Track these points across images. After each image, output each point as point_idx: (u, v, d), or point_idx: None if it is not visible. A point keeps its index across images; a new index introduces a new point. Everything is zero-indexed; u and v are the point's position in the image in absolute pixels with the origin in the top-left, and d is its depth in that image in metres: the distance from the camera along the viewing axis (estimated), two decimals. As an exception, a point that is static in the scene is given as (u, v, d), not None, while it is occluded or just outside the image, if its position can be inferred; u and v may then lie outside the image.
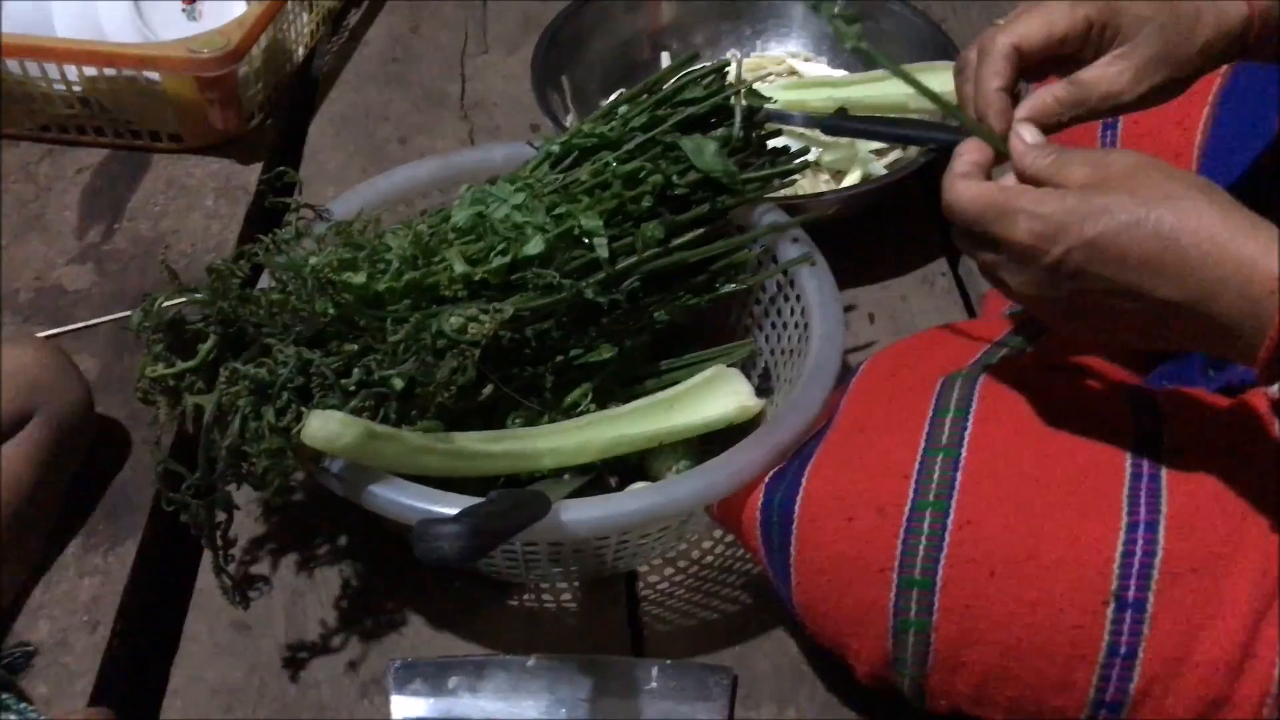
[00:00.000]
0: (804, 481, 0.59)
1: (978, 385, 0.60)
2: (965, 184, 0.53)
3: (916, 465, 0.57)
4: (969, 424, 0.57)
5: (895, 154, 0.98)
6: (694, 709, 0.65)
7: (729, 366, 0.75)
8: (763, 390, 0.75)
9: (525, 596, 0.71)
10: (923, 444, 0.58)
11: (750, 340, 0.78)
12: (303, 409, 0.59)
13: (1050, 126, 0.55)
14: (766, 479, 0.61)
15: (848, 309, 0.90)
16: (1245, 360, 0.47)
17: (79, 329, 0.87)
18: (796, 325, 0.73)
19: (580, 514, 0.58)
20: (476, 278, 0.69)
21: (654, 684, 0.66)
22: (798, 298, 0.73)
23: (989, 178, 0.54)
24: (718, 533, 0.74)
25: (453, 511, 0.55)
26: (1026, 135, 0.53)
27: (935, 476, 0.56)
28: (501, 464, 0.65)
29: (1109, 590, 0.51)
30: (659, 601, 0.71)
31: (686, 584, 0.72)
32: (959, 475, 0.56)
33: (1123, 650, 0.51)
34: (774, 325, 0.76)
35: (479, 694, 0.65)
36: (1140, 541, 0.52)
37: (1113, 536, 0.52)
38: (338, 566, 0.72)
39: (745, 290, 0.77)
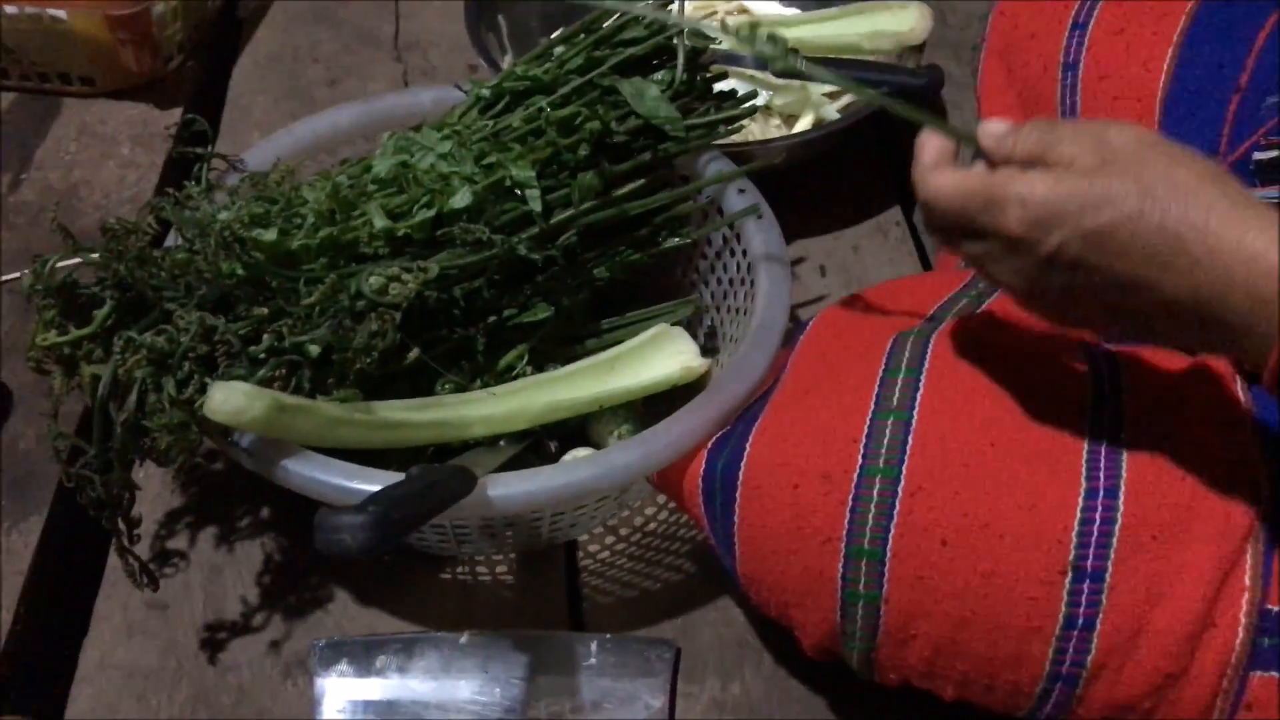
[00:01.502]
0: (748, 447, 0.56)
1: (930, 344, 0.56)
2: (941, 175, 0.49)
3: (865, 429, 0.54)
4: (920, 385, 0.54)
5: (848, 97, 0.93)
6: (634, 685, 0.62)
7: (673, 325, 0.71)
8: (709, 350, 0.72)
9: (458, 570, 0.67)
10: (872, 406, 0.54)
11: (695, 297, 0.74)
12: (207, 380, 0.54)
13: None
14: (709, 445, 0.58)
15: (797, 261, 0.86)
16: (1253, 362, 0.43)
17: (-20, 289, 0.81)
18: (742, 281, 0.69)
19: (509, 489, 0.55)
20: (399, 234, 0.64)
21: (593, 660, 0.63)
22: (744, 253, 0.69)
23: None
24: (661, 498, 0.71)
25: (367, 489, 0.51)
26: (993, 127, 0.49)
27: (885, 441, 0.53)
28: (428, 434, 0.61)
29: (1067, 560, 0.49)
30: (599, 572, 0.68)
31: (628, 553, 0.69)
32: (910, 440, 0.53)
33: (1080, 622, 0.49)
34: (719, 281, 0.72)
35: (408, 674, 0.62)
36: (1099, 509, 0.49)
37: (1071, 504, 0.49)
38: (259, 540, 0.68)
39: (690, 244, 0.73)
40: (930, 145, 0.50)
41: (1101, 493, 0.49)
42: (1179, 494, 0.49)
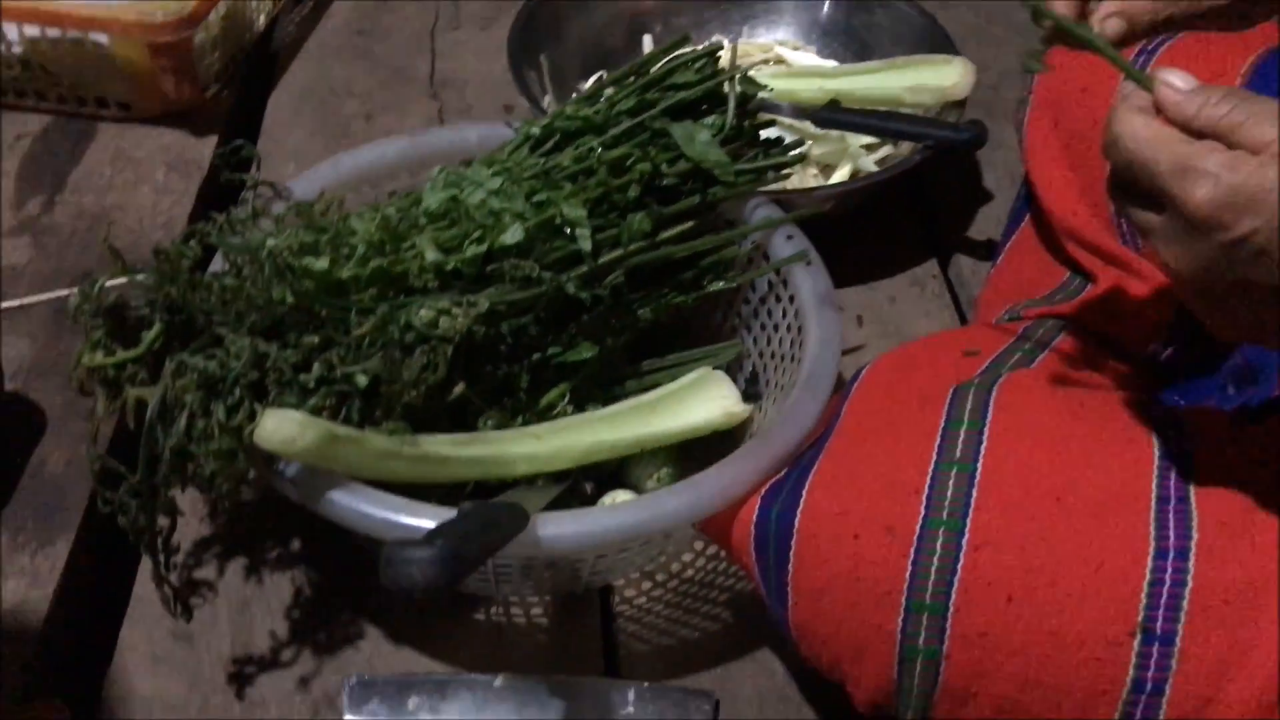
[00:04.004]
0: (804, 495, 0.55)
1: (993, 395, 0.56)
2: (1145, 120, 0.45)
3: (928, 480, 0.53)
4: (984, 437, 0.53)
5: (886, 150, 0.94)
6: (674, 736, 0.60)
7: (715, 369, 0.71)
8: (750, 395, 0.71)
9: (493, 610, 0.66)
10: (934, 457, 0.53)
11: (737, 342, 0.73)
12: (256, 406, 0.53)
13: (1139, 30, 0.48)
14: (762, 492, 0.57)
15: (836, 310, 0.86)
16: None
17: (11, 308, 0.80)
18: (789, 328, 0.68)
19: (559, 529, 0.53)
20: (449, 267, 0.64)
21: (630, 708, 0.61)
22: (790, 298, 0.69)
23: None
24: (699, 544, 0.69)
25: (424, 526, 0.50)
26: (1177, 81, 0.45)
27: (949, 493, 0.52)
28: (472, 470, 0.60)
29: (1135, 621, 0.48)
30: (636, 618, 0.66)
31: (665, 599, 0.67)
32: (974, 492, 0.52)
33: (1149, 686, 0.48)
34: (764, 327, 0.72)
35: (441, 716, 0.60)
36: (1169, 570, 0.48)
37: (1140, 563, 0.48)
38: (289, 573, 0.67)
39: (734, 289, 0.72)
40: (1137, 93, 0.46)
41: (1172, 554, 0.48)
42: (1251, 558, 0.48)
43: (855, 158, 0.93)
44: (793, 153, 0.74)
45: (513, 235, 0.64)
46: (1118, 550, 0.49)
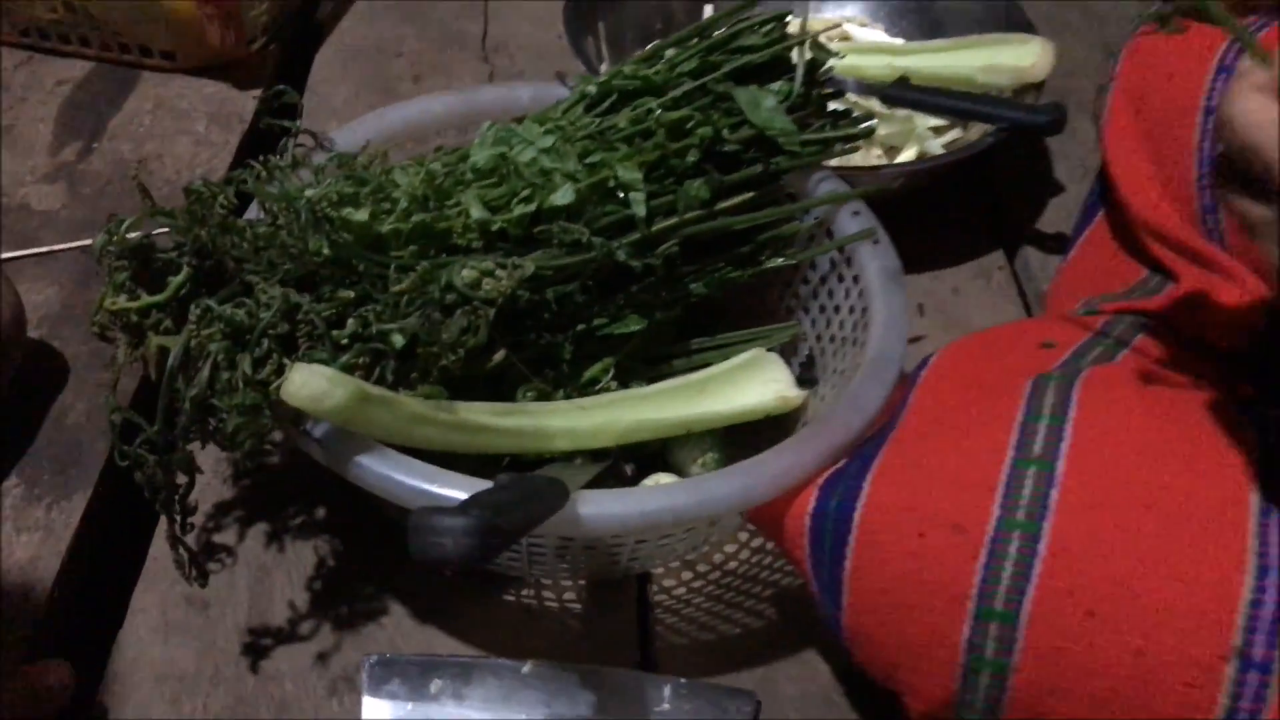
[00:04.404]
0: (865, 487, 0.51)
1: (1075, 390, 0.51)
2: (1264, 101, 0.41)
3: (1003, 477, 0.48)
4: (1066, 435, 0.49)
5: (954, 134, 0.89)
6: (710, 737, 0.56)
7: (768, 351, 0.67)
8: (805, 380, 0.67)
9: (523, 593, 0.62)
10: (1011, 453, 0.49)
11: (794, 323, 0.69)
12: (285, 360, 0.50)
13: None
14: (820, 481, 0.53)
15: (897, 297, 0.81)
16: None
17: (40, 254, 0.78)
18: (851, 310, 0.64)
19: (601, 508, 0.50)
20: (494, 227, 0.60)
21: (666, 705, 0.57)
22: (855, 278, 0.64)
23: None
24: (744, 535, 0.65)
25: (457, 496, 0.46)
26: None
27: (1026, 492, 0.48)
28: (509, 442, 0.56)
29: (1230, 644, 0.43)
30: (674, 610, 0.63)
31: (706, 591, 0.63)
32: (1054, 493, 0.47)
33: (1243, 716, 0.43)
34: (823, 308, 0.68)
35: (465, 701, 0.57)
36: (1271, 590, 0.43)
37: (1238, 581, 0.44)
38: (312, 541, 0.63)
39: (792, 266, 0.68)
40: (1257, 72, 0.41)
41: (1274, 571, 0.44)
42: (1364, 579, 0.43)
43: (922, 140, 0.88)
44: (863, 125, 0.70)
45: (563, 196, 0.60)
46: (1213, 565, 0.44)
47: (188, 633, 0.59)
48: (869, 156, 0.87)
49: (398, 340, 0.54)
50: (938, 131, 0.89)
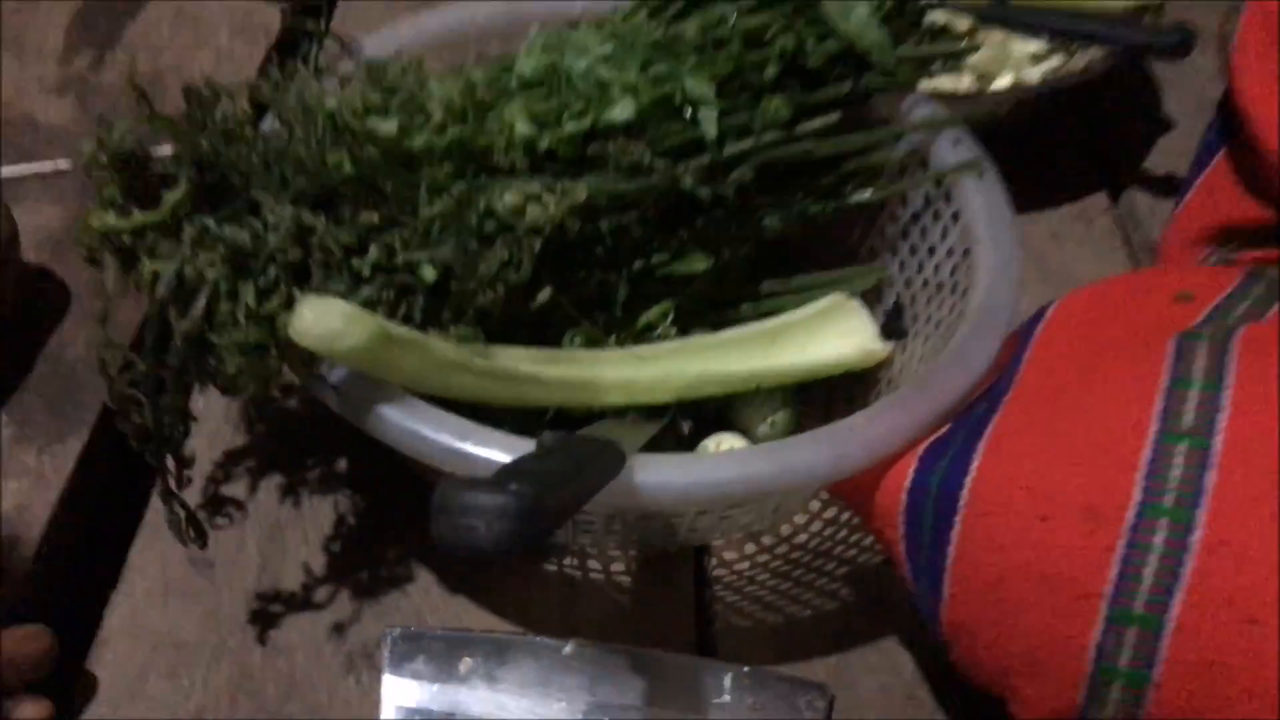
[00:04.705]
0: (975, 460, 0.43)
1: (1232, 351, 0.43)
2: None
3: (1147, 453, 0.40)
4: (1224, 405, 0.41)
5: (1055, 61, 0.79)
6: (777, 737, 0.49)
7: (849, 297, 0.59)
8: (891, 331, 0.59)
9: (565, 563, 0.55)
10: (1155, 425, 0.41)
11: (880, 266, 0.61)
12: (295, 292, 0.42)
13: None
14: (920, 451, 0.45)
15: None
16: None
17: (45, 172, 0.71)
18: (950, 252, 0.56)
19: (663, 477, 0.42)
20: (542, 146, 0.52)
21: (727, 696, 0.50)
22: (954, 216, 0.56)
23: None
24: (815, 504, 0.58)
25: (494, 458, 0.39)
26: None
27: (1175, 473, 0.39)
28: (554, 394, 0.48)
29: None
30: (736, 587, 0.55)
31: (772, 567, 0.56)
32: (1210, 475, 0.39)
33: None
34: (914, 250, 0.59)
35: (498, 684, 0.50)
36: None
37: None
38: (332, 497, 0.57)
39: (878, 202, 0.60)
40: None
41: None
42: None
43: (1019, 67, 0.78)
44: (966, 43, 0.60)
45: (622, 111, 0.52)
46: None
47: (189, 597, 0.53)
48: (959, 84, 0.78)
49: (428, 273, 0.47)
50: (1036, 60, 0.79)
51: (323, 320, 0.40)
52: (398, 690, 0.50)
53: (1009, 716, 0.44)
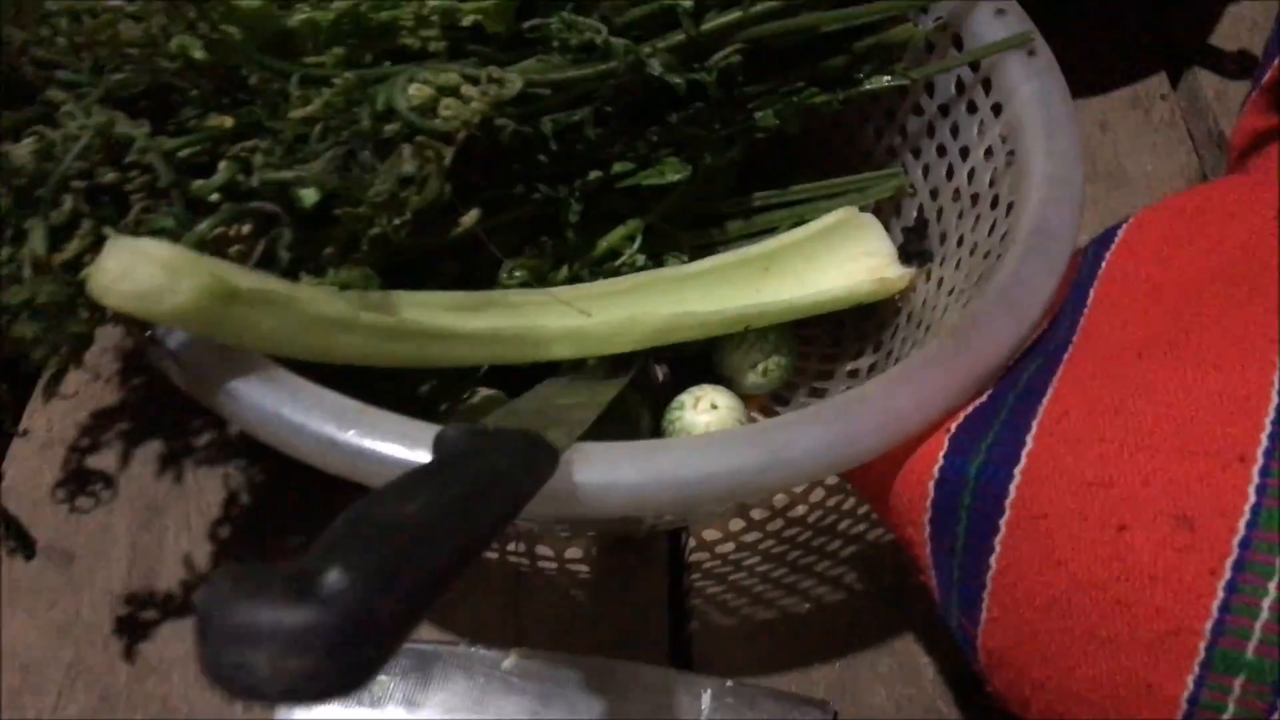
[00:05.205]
0: (1028, 444, 0.32)
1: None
2: None
3: (1263, 441, 0.30)
4: (1377, 372, 0.30)
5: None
6: (767, 769, 0.40)
7: (862, 210, 0.47)
8: (912, 254, 0.47)
9: (509, 549, 0.45)
10: (1275, 399, 0.30)
11: (897, 170, 0.49)
12: (107, 231, 0.31)
13: None
14: (952, 428, 0.34)
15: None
16: None
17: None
18: (990, 155, 0.44)
19: (611, 476, 0.31)
20: (464, 20, 0.40)
21: (704, 717, 0.41)
22: (996, 109, 0.44)
23: None
24: (817, 468, 0.47)
25: (390, 454, 0.28)
26: None
27: (1310, 472, 0.29)
28: (479, 352, 0.37)
29: None
30: (719, 574, 0.45)
31: (763, 548, 0.46)
32: (1361, 476, 0.28)
33: None
34: (942, 151, 0.47)
35: (420, 709, 0.40)
36: None
37: None
38: (222, 469, 0.46)
39: (899, 89, 0.47)
40: None
41: None
42: None
43: (1066, -81, 0.65)
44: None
45: (568, -27, 0.40)
46: None
47: (39, 599, 0.43)
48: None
49: (309, 197, 0.35)
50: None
51: (134, 272, 0.29)
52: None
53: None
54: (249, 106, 0.36)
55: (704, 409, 0.44)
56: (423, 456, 0.30)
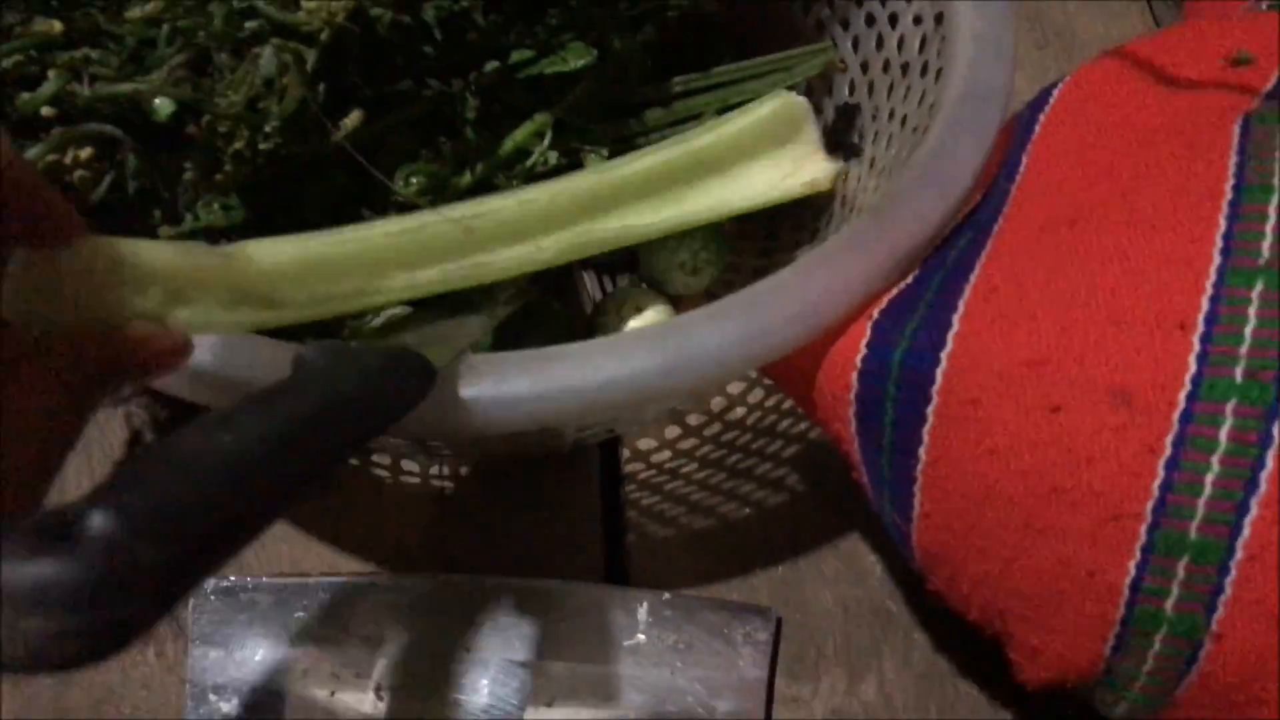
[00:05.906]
0: (954, 325, 0.30)
1: (1330, 139, 0.29)
2: None
3: (1207, 303, 0.27)
4: (1324, 224, 0.27)
5: None
6: (708, 677, 0.38)
7: (791, 93, 0.44)
8: (842, 146, 0.44)
9: (432, 470, 0.43)
10: (1216, 261, 0.28)
11: (827, 44, 0.46)
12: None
13: None
14: (875, 314, 0.32)
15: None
16: None
17: None
18: (918, 20, 0.41)
19: (501, 389, 0.29)
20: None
21: (640, 634, 0.39)
22: (922, -33, 0.40)
23: None
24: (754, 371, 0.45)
25: (245, 377, 0.26)
26: None
27: (1250, 330, 0.27)
28: (350, 302, 0.34)
29: None
30: (656, 484, 0.43)
31: (701, 454, 0.44)
32: (1305, 339, 0.26)
33: None
34: (871, 20, 0.44)
35: (344, 644, 0.39)
36: None
37: None
38: (122, 411, 0.44)
39: (822, -46, 0.44)
40: None
41: None
42: None
43: None
44: None
45: None
46: None
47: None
48: None
49: (165, 107, 0.32)
50: None
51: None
52: (210, 664, 0.38)
53: (1008, 661, 0.33)
54: (85, 9, 0.32)
55: (628, 314, 0.41)
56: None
